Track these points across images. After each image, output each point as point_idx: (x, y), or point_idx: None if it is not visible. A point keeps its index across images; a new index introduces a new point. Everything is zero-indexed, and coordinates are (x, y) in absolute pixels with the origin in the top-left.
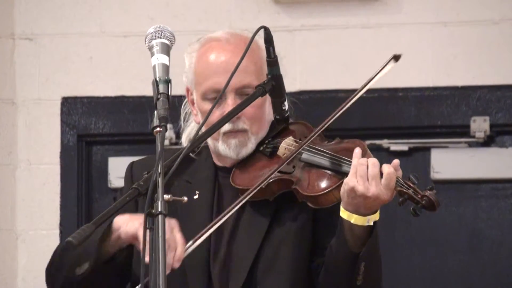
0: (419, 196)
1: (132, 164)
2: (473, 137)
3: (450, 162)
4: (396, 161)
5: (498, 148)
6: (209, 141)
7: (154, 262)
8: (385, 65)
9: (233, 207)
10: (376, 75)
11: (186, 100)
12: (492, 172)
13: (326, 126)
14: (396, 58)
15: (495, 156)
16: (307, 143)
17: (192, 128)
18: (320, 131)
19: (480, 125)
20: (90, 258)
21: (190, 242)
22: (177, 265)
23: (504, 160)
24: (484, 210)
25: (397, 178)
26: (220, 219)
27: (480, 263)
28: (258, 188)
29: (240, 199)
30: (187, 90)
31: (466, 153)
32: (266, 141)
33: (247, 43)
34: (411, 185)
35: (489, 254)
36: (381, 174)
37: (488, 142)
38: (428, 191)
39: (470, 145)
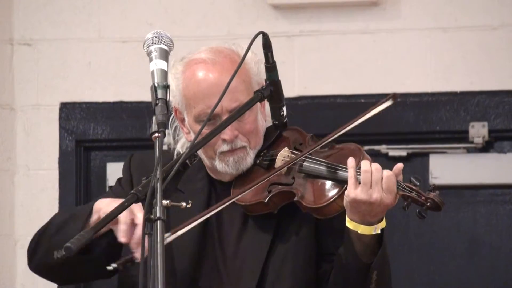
0: (423, 198)
1: (131, 156)
2: (472, 142)
3: (448, 168)
4: (399, 165)
5: (497, 153)
6: (205, 159)
7: (153, 268)
8: (384, 101)
9: (224, 202)
10: (373, 110)
11: (173, 116)
12: (491, 178)
13: (319, 146)
14: (394, 97)
15: (494, 161)
16: (301, 157)
17: (184, 142)
18: (314, 149)
19: (478, 131)
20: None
21: (169, 233)
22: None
23: (502, 165)
24: (482, 216)
25: (398, 182)
26: (206, 213)
27: (478, 268)
28: (252, 188)
29: (233, 195)
30: (175, 109)
31: (465, 158)
32: (262, 153)
33: (232, 58)
34: (413, 187)
35: (488, 260)
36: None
37: (486, 147)
38: (432, 193)
39: (469, 150)
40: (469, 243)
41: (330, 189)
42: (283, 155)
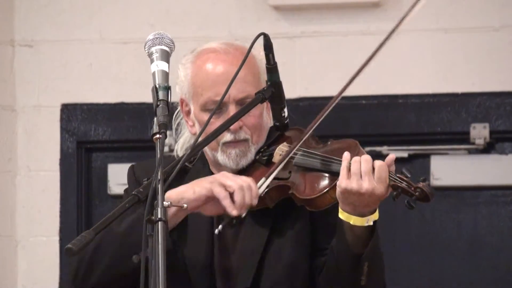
0: (413, 188)
1: (133, 167)
2: (473, 144)
3: (450, 169)
4: (391, 156)
5: (498, 155)
6: (208, 151)
7: (154, 269)
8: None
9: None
10: (408, 13)
11: (178, 110)
12: (492, 179)
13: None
14: None
15: (495, 163)
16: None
17: (185, 138)
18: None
19: (480, 132)
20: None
21: (263, 179)
22: (255, 202)
23: (503, 167)
24: (483, 217)
25: (390, 172)
26: (286, 156)
27: (479, 269)
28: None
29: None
30: (182, 101)
31: (466, 160)
32: (262, 150)
33: (244, 53)
34: (404, 178)
35: (489, 261)
36: (373, 169)
37: (487, 149)
38: (421, 183)
39: (470, 152)
40: (470, 244)
41: (323, 181)
42: (281, 149)
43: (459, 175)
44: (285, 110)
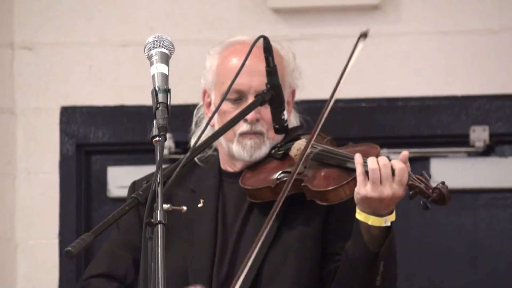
0: (430, 190)
1: (134, 183)
2: (473, 146)
3: (449, 172)
4: (405, 153)
5: (498, 157)
6: (223, 142)
7: (154, 272)
8: (355, 46)
9: (264, 230)
10: (351, 56)
11: (199, 105)
12: (492, 182)
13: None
14: (364, 35)
15: (495, 165)
16: (313, 139)
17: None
18: (321, 121)
19: (479, 135)
20: None
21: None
22: None
23: (503, 169)
24: (483, 220)
25: (409, 172)
26: (254, 248)
27: (479, 272)
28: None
29: (267, 220)
30: (204, 92)
31: (466, 162)
32: (278, 145)
33: (275, 50)
34: (423, 180)
35: (489, 264)
36: (392, 171)
37: (487, 151)
38: (440, 184)
39: (470, 154)
40: (470, 247)
41: (339, 176)
42: (300, 144)
43: (458, 178)
44: (285, 112)
